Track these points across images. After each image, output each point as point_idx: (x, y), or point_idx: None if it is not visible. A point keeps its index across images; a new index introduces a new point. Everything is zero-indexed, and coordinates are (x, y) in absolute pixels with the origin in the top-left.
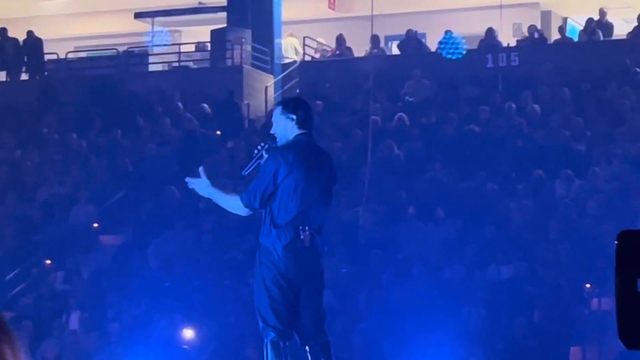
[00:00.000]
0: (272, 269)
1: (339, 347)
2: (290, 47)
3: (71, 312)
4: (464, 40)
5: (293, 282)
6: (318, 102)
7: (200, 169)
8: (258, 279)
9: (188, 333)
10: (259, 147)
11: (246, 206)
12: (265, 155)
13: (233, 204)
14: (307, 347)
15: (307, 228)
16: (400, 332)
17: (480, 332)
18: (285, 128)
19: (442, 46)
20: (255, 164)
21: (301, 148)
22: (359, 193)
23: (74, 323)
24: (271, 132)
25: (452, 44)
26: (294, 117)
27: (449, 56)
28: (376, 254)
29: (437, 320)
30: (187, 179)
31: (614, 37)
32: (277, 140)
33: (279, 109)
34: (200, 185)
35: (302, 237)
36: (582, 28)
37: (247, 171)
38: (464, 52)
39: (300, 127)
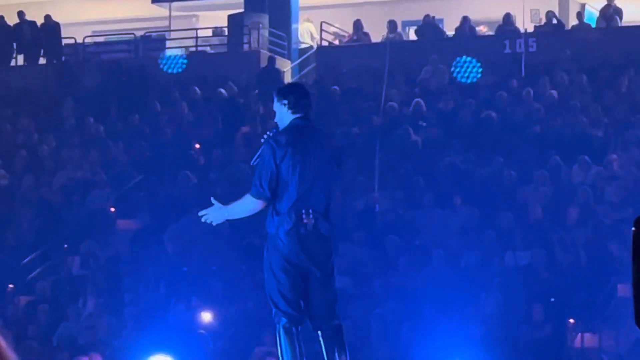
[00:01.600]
0: (277, 255)
1: (356, 333)
2: (306, 33)
3: (88, 296)
4: (479, 64)
5: (299, 267)
6: (335, 87)
7: (213, 199)
8: (266, 265)
9: (205, 318)
10: (265, 137)
11: (257, 197)
12: None
13: (246, 205)
14: (319, 332)
15: (310, 212)
16: (417, 317)
17: (497, 318)
18: (281, 114)
19: (457, 69)
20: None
21: (295, 131)
22: (376, 179)
23: (90, 307)
24: (274, 120)
25: (468, 67)
26: (286, 102)
27: (463, 80)
28: (393, 240)
29: (454, 306)
30: (200, 213)
31: (633, 24)
32: (279, 127)
33: (275, 97)
34: (214, 212)
35: (305, 221)
36: (598, 14)
37: (255, 161)
38: (479, 75)
39: (294, 112)
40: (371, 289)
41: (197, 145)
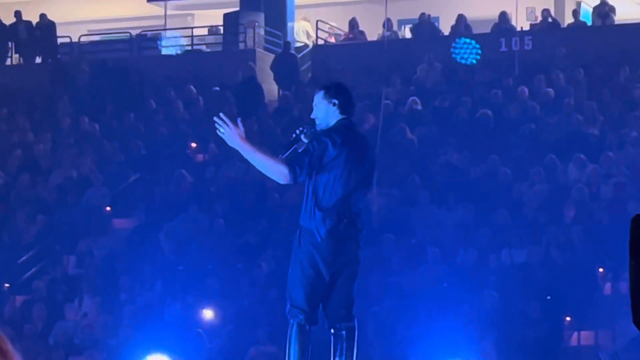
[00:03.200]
0: (313, 252)
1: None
2: (302, 31)
3: (84, 295)
4: (478, 45)
5: (332, 266)
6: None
7: (239, 120)
8: (295, 260)
9: (201, 316)
10: (297, 132)
11: (290, 173)
12: (305, 140)
13: (274, 169)
14: (332, 330)
15: (349, 213)
16: (413, 315)
17: (493, 316)
18: (327, 113)
19: (456, 50)
20: (293, 148)
21: (347, 132)
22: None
23: (86, 306)
24: (312, 116)
25: (467, 48)
26: (336, 101)
27: (462, 61)
28: (389, 238)
29: (450, 304)
30: (216, 119)
31: (627, 21)
32: (317, 124)
33: (320, 93)
34: (231, 134)
35: (345, 221)
36: (592, 10)
37: (285, 156)
38: (479, 57)
39: (342, 112)
40: (367, 287)
41: (193, 144)
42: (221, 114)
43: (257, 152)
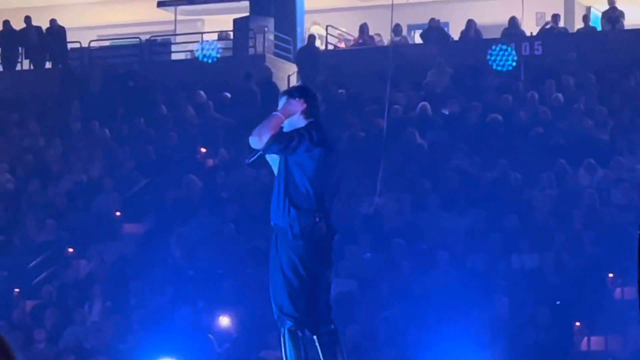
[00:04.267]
0: (290, 255)
1: (363, 336)
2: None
3: (94, 300)
4: (514, 52)
5: (311, 269)
6: (341, 90)
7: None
8: (274, 265)
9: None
10: None
11: (265, 146)
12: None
13: (264, 131)
14: (315, 337)
15: (322, 215)
16: (423, 320)
17: (503, 321)
18: (292, 118)
19: (492, 57)
20: (258, 154)
21: (321, 132)
22: (382, 182)
23: (97, 311)
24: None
25: (503, 54)
26: (305, 106)
27: (499, 68)
28: (399, 243)
29: (460, 309)
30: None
31: (637, 26)
32: (284, 129)
33: (284, 98)
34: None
35: (321, 222)
36: (601, 16)
37: (251, 160)
38: (515, 62)
39: (307, 117)
40: (377, 292)
41: (203, 149)
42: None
43: (276, 119)
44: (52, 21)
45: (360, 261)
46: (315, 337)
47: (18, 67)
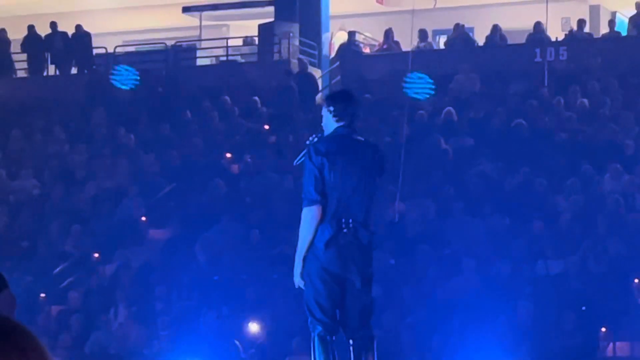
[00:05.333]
0: (316, 263)
1: (387, 341)
2: (340, 42)
3: (119, 306)
4: (431, 81)
5: (337, 276)
6: (367, 95)
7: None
8: (305, 274)
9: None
10: (310, 139)
11: (310, 205)
12: None
13: (306, 221)
14: (350, 341)
15: (350, 221)
16: (447, 326)
17: (528, 327)
18: (326, 120)
19: (408, 85)
20: (303, 153)
21: (336, 140)
22: (406, 187)
23: (122, 316)
24: (322, 124)
25: (420, 83)
26: (332, 109)
27: (416, 96)
28: (423, 249)
29: (485, 315)
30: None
31: None
32: (324, 132)
33: (324, 103)
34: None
35: (345, 230)
36: (628, 21)
37: (298, 162)
38: (432, 92)
39: (338, 120)
40: (401, 298)
41: (228, 155)
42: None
43: (300, 240)
44: (78, 27)
45: (384, 267)
46: (351, 341)
47: (44, 73)
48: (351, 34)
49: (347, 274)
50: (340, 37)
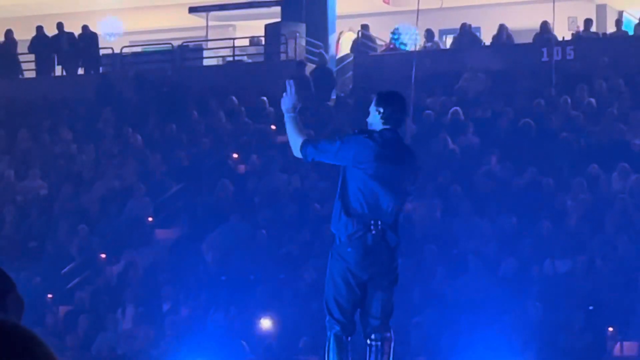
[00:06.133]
0: (341, 263)
1: (396, 341)
2: (348, 42)
3: (127, 306)
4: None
5: (361, 277)
6: (373, 95)
7: (290, 82)
8: (328, 271)
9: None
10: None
11: (303, 155)
12: None
13: (295, 140)
14: (368, 341)
15: (379, 223)
16: (456, 326)
17: (536, 326)
18: (373, 119)
19: (395, 36)
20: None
21: (384, 142)
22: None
23: (129, 316)
24: (367, 120)
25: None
26: (381, 110)
27: (403, 47)
28: (431, 249)
29: (492, 314)
30: (286, 82)
31: None
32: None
33: (374, 99)
34: (288, 99)
35: (373, 231)
36: (637, 21)
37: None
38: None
39: (385, 122)
40: (409, 297)
41: (235, 155)
42: (292, 82)
43: (292, 122)
44: (85, 27)
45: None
46: (368, 341)
47: (51, 74)
48: (364, 29)
49: (371, 275)
50: (348, 38)
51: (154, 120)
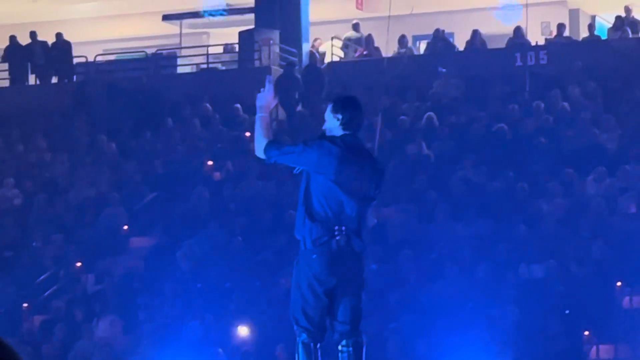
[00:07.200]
0: (307, 271)
1: (372, 347)
2: (329, 51)
3: (103, 314)
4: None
5: (327, 284)
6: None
7: (269, 78)
8: (293, 279)
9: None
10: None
11: (266, 156)
12: None
13: (260, 140)
14: (339, 347)
15: (343, 228)
16: (432, 331)
17: (512, 331)
18: (332, 126)
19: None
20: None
21: (346, 147)
22: (388, 193)
23: (105, 325)
24: (323, 128)
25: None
26: (340, 117)
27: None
28: (407, 254)
29: (469, 319)
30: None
31: None
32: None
33: (330, 106)
34: (265, 96)
35: (338, 237)
36: (610, 26)
37: (298, 171)
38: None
39: (345, 128)
40: (386, 303)
41: (210, 162)
42: (270, 77)
43: (261, 122)
44: (58, 35)
45: (367, 272)
46: (339, 347)
47: (25, 82)
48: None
49: (338, 281)
50: (326, 45)
51: (128, 129)
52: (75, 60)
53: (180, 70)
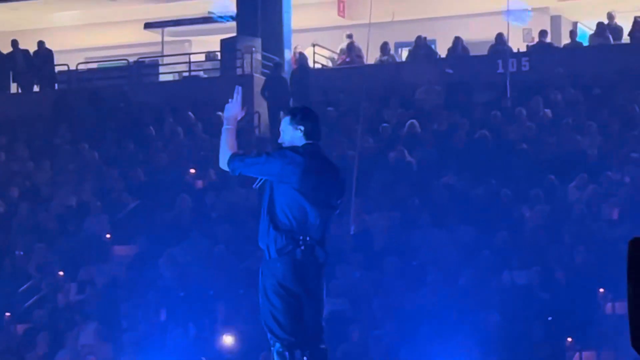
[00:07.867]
0: (272, 279)
1: (355, 354)
2: (310, 58)
3: (85, 323)
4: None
5: (292, 291)
6: (330, 108)
7: (238, 89)
8: (260, 290)
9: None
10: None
11: (230, 169)
12: None
13: (224, 153)
14: (304, 358)
15: (307, 238)
16: (415, 338)
17: (495, 338)
18: (293, 138)
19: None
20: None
21: (310, 157)
22: (371, 200)
23: (88, 334)
24: (279, 141)
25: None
26: (302, 128)
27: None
28: (390, 261)
29: (452, 326)
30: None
31: (625, 41)
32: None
33: (287, 118)
34: (233, 108)
35: (302, 247)
36: (592, 32)
37: (257, 185)
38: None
39: (307, 138)
40: (369, 310)
41: (192, 170)
42: (239, 88)
43: (228, 134)
44: (40, 43)
45: (350, 280)
46: (305, 358)
47: (6, 91)
48: (313, 47)
49: (301, 290)
50: (307, 52)
51: (110, 137)
52: (57, 69)
53: (162, 78)
